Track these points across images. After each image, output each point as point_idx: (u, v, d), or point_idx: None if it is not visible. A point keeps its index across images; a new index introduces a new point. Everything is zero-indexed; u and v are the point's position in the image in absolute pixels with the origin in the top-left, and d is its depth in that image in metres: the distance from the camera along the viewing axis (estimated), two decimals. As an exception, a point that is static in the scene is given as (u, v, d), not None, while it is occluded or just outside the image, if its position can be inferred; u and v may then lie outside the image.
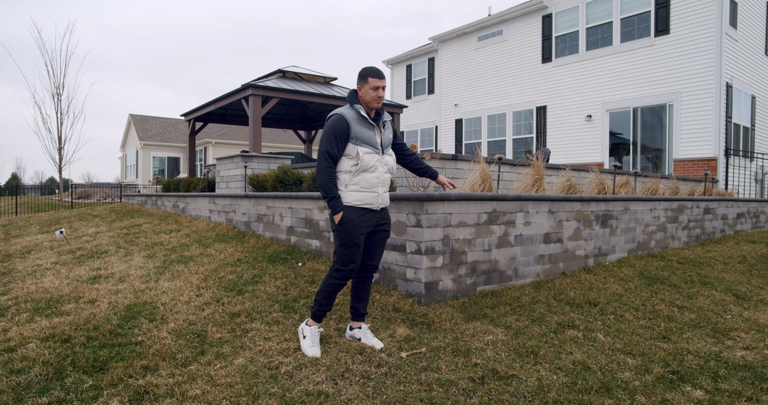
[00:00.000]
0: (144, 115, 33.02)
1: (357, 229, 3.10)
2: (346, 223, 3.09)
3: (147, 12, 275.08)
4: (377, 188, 3.16)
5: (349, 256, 3.13)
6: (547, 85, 14.74)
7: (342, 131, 3.06)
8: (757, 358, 3.28)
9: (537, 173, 5.92)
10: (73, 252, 6.55)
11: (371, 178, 3.13)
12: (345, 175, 3.11)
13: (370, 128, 3.15)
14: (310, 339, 3.14)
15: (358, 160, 3.08)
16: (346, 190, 3.12)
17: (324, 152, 3.07)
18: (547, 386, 2.72)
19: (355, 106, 3.15)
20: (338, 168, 3.13)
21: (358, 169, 3.09)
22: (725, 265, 6.36)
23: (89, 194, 21.48)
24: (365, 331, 3.32)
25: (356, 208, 3.11)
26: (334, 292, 3.20)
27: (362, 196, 3.12)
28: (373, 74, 3.15)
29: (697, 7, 11.66)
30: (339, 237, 3.13)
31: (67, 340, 3.33)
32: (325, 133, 3.09)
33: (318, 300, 3.21)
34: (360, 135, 3.09)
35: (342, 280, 3.16)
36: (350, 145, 3.09)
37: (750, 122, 12.80)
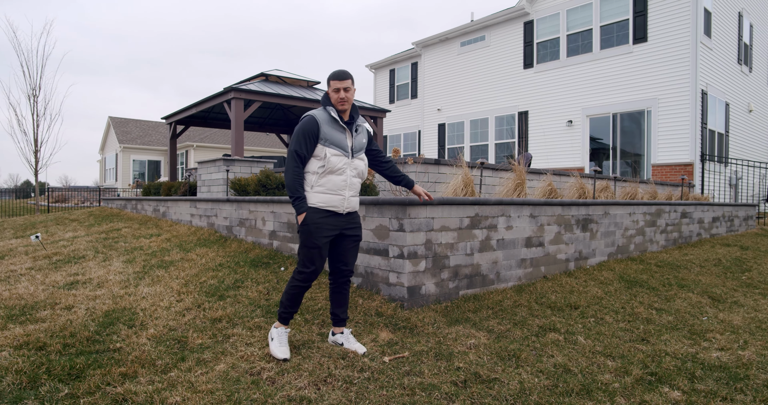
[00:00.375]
0: (124, 117, 32.54)
1: (319, 232, 3.10)
2: (308, 225, 3.09)
3: (127, 13, 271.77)
4: (343, 191, 3.16)
5: (310, 258, 3.12)
6: (528, 91, 14.94)
7: (312, 132, 3.08)
8: (731, 358, 3.35)
9: (519, 178, 5.99)
10: (50, 257, 6.41)
11: (338, 181, 3.14)
12: (312, 176, 3.12)
13: (340, 131, 3.17)
14: (277, 340, 3.14)
15: (325, 161, 3.09)
16: (311, 191, 3.12)
17: (293, 152, 3.09)
18: (529, 389, 2.75)
19: (328, 108, 3.17)
20: (306, 168, 3.14)
21: (325, 171, 3.10)
22: (701, 268, 6.50)
23: (67, 198, 21.05)
24: (347, 336, 3.31)
25: (320, 210, 3.12)
26: (297, 295, 3.19)
27: (327, 199, 3.13)
28: (333, 77, 3.17)
29: (673, 16, 11.95)
30: (302, 238, 3.14)
31: (42, 347, 3.25)
32: (295, 134, 3.12)
33: (283, 302, 3.21)
34: (329, 136, 3.11)
35: (304, 283, 3.15)
36: (319, 146, 3.10)
37: (724, 128, 13.13)
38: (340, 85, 3.14)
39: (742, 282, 5.93)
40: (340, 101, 3.15)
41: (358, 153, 3.25)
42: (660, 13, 12.18)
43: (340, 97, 3.14)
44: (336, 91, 3.15)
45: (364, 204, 4.50)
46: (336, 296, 3.36)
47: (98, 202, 18.14)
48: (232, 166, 8.54)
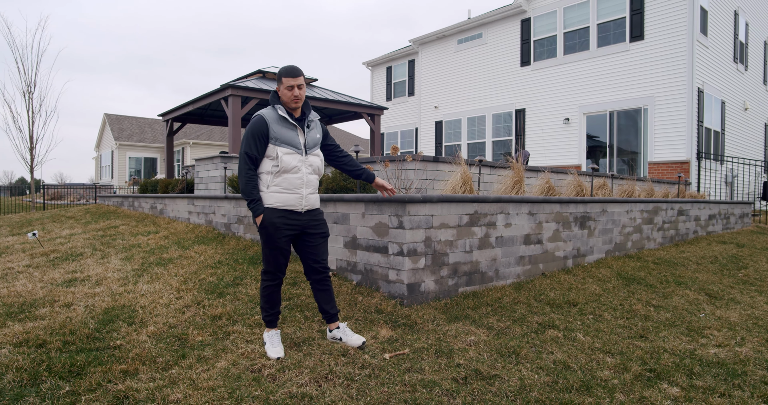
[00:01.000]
0: (120, 114, 32.39)
1: (278, 232, 3.08)
2: (267, 227, 3.07)
3: (124, 10, 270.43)
4: (300, 190, 3.13)
5: (272, 258, 3.14)
6: (526, 88, 14.95)
7: (261, 132, 3.03)
8: (729, 355, 3.38)
9: (517, 175, 6.00)
10: (47, 254, 6.39)
11: (293, 179, 3.10)
12: (266, 176, 3.09)
13: (291, 128, 3.11)
14: (269, 342, 3.15)
15: (278, 161, 3.05)
16: (267, 191, 3.08)
17: (243, 154, 3.05)
18: (529, 386, 2.76)
19: (276, 106, 3.11)
20: (260, 169, 3.11)
21: (279, 170, 3.06)
22: (698, 265, 6.54)
23: (62, 195, 20.95)
24: (344, 330, 3.31)
25: (278, 210, 3.08)
26: (272, 294, 3.20)
27: (284, 198, 3.09)
28: (286, 73, 3.08)
29: (669, 14, 11.98)
30: (262, 239, 3.14)
31: (42, 345, 3.24)
32: (245, 135, 3.07)
33: (262, 306, 3.23)
34: (280, 135, 3.06)
35: (273, 281, 3.19)
36: (270, 146, 3.06)
37: (720, 126, 13.19)
38: (293, 82, 3.07)
39: (738, 279, 5.97)
40: (294, 99, 3.09)
41: (312, 149, 3.20)
42: (657, 11, 12.20)
43: (294, 94, 3.08)
44: (290, 89, 3.07)
45: (364, 201, 4.50)
46: (319, 294, 3.33)
47: (94, 199, 18.07)
48: (230, 163, 8.52)
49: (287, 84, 3.07)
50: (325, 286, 3.32)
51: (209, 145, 28.53)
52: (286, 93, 3.09)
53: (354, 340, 3.25)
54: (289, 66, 3.13)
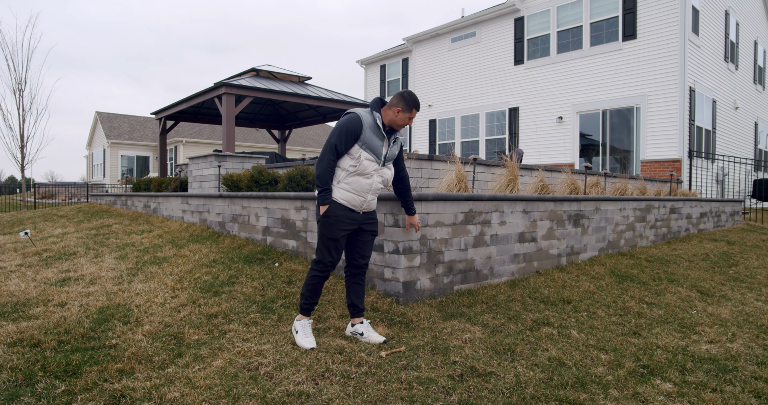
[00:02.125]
0: (112, 112, 32.16)
1: (339, 224, 3.23)
2: (329, 217, 3.22)
3: (116, 7, 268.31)
4: (366, 194, 3.28)
5: (328, 249, 3.26)
6: (519, 87, 15.01)
7: (355, 131, 3.17)
8: (720, 351, 3.42)
9: (511, 174, 6.03)
10: (39, 254, 6.34)
11: (364, 184, 3.25)
12: (341, 172, 3.23)
13: (380, 138, 3.26)
14: (302, 332, 3.23)
15: (358, 162, 3.19)
16: (337, 186, 3.24)
17: (332, 145, 3.18)
18: (525, 382, 2.79)
19: (375, 113, 3.27)
20: (338, 163, 3.24)
21: (355, 171, 3.21)
22: (690, 262, 6.60)
23: (53, 194, 20.79)
24: (367, 326, 3.41)
25: (341, 206, 3.24)
26: (317, 285, 3.31)
27: (350, 197, 3.24)
28: (416, 106, 3.31)
29: (661, 14, 12.06)
30: (321, 229, 3.26)
31: (37, 344, 3.23)
32: (338, 128, 3.20)
33: (303, 294, 3.33)
34: (368, 140, 3.20)
35: (323, 273, 3.28)
36: (356, 147, 3.20)
37: (711, 125, 13.31)
38: (415, 115, 3.33)
39: (729, 276, 6.03)
40: (404, 126, 3.33)
41: (388, 162, 3.37)
42: (649, 10, 12.28)
43: (409, 124, 3.35)
44: (410, 119, 3.31)
45: (359, 200, 4.51)
46: (354, 287, 3.46)
47: (86, 198, 17.94)
48: (224, 162, 8.50)
49: (411, 115, 3.30)
50: (360, 281, 3.47)
51: (203, 143, 28.40)
52: (405, 119, 3.28)
53: (375, 338, 3.35)
54: (417, 99, 3.34)
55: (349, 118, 3.21)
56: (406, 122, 3.31)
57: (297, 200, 5.40)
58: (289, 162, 9.37)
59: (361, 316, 3.45)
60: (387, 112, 3.30)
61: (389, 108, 3.30)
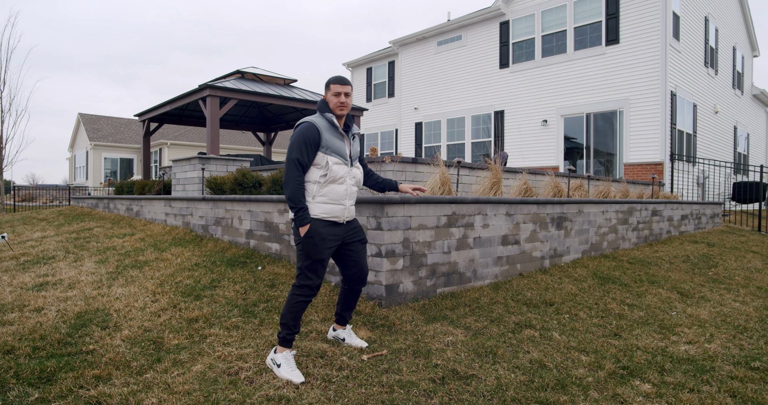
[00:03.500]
0: (95, 114, 31.72)
1: (324, 243, 3.00)
2: (313, 236, 2.97)
3: (100, 8, 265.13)
4: (344, 201, 3.08)
5: (314, 271, 3.01)
6: (504, 90, 15.11)
7: (313, 139, 2.97)
8: (698, 351, 3.47)
9: (495, 176, 6.06)
10: (17, 258, 6.22)
11: (340, 191, 3.05)
12: (313, 186, 3.01)
13: (340, 138, 3.09)
14: (286, 365, 2.87)
15: (327, 170, 2.99)
16: (313, 202, 3.01)
17: (294, 160, 2.95)
18: (506, 385, 2.79)
19: (326, 114, 3.08)
20: (307, 178, 3.02)
21: (327, 180, 3.01)
22: (671, 264, 6.69)
23: (34, 197, 20.43)
24: (350, 332, 3.39)
25: (323, 221, 3.01)
26: (301, 311, 3.03)
27: (330, 209, 3.03)
28: (334, 81, 3.12)
29: (643, 19, 12.24)
30: (304, 250, 2.99)
31: (10, 351, 3.15)
32: (295, 141, 2.98)
33: (285, 323, 2.99)
34: (331, 144, 3.02)
35: (308, 297, 3.01)
36: (320, 154, 3.00)
37: (692, 129, 13.53)
38: (341, 90, 3.08)
39: (708, 278, 6.13)
40: (341, 106, 3.07)
41: (355, 161, 3.21)
42: (631, 15, 12.46)
43: (341, 101, 3.07)
44: (336, 95, 3.07)
45: (343, 203, 4.49)
46: (348, 302, 3.34)
47: (68, 201, 17.66)
48: (208, 165, 8.42)
49: (335, 90, 3.07)
50: (357, 294, 3.34)
51: (187, 145, 28.13)
52: (333, 99, 3.08)
53: (357, 342, 3.33)
54: (338, 75, 3.18)
55: (303, 127, 3.01)
56: (340, 100, 3.06)
57: (280, 203, 5.37)
58: (274, 164, 9.32)
59: (346, 324, 3.42)
60: (329, 107, 3.10)
61: (325, 104, 3.12)
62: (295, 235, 3.04)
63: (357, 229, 3.24)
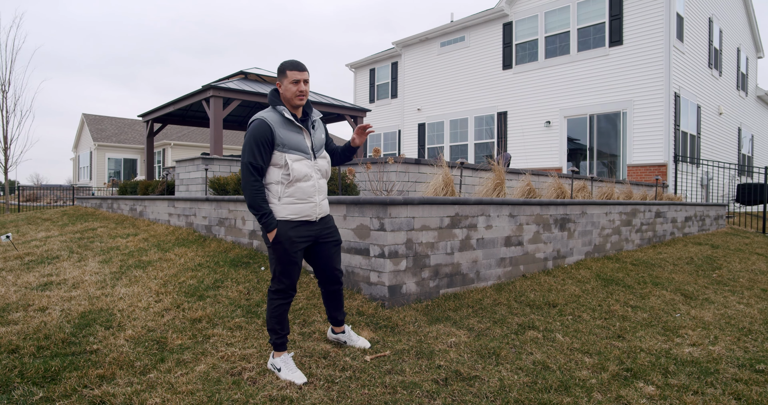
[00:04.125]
0: (99, 114, 31.85)
1: (294, 246, 2.84)
2: (282, 242, 2.81)
3: (103, 9, 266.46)
4: (314, 197, 2.89)
5: (287, 274, 2.88)
6: (507, 91, 15.11)
7: (265, 138, 2.73)
8: (702, 354, 3.46)
9: (498, 178, 6.05)
10: (21, 257, 6.24)
11: (307, 188, 2.85)
12: (277, 187, 2.81)
13: (297, 131, 2.85)
14: (285, 368, 2.83)
15: (289, 170, 2.78)
16: (279, 203, 2.81)
17: (247, 165, 2.73)
18: (509, 386, 2.79)
19: (278, 107, 2.82)
20: (268, 179, 2.82)
21: (291, 180, 2.80)
22: (675, 266, 6.67)
23: (38, 197, 20.51)
24: (350, 333, 3.31)
25: (292, 222, 2.84)
26: (283, 314, 2.92)
27: (299, 208, 2.84)
28: (291, 67, 2.82)
29: (647, 20, 12.22)
30: (275, 255, 2.85)
31: (15, 350, 3.17)
32: (246, 142, 2.75)
33: (272, 329, 2.92)
34: (287, 141, 2.78)
35: (286, 299, 2.92)
36: (277, 154, 2.77)
37: (696, 130, 13.49)
38: (300, 77, 2.80)
39: (712, 280, 6.10)
40: (299, 95, 2.81)
41: (319, 152, 2.96)
42: (635, 17, 12.44)
43: (300, 89, 2.80)
44: (295, 83, 2.80)
45: (345, 203, 4.50)
46: (332, 302, 3.23)
47: (72, 201, 17.72)
48: (212, 165, 8.44)
49: (293, 78, 2.80)
50: (339, 294, 3.21)
51: (190, 146, 28.21)
52: (291, 88, 2.80)
53: (360, 343, 3.28)
54: (293, 60, 2.86)
55: (253, 126, 2.76)
56: (299, 88, 2.80)
57: (284, 204, 5.37)
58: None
59: (343, 324, 3.31)
60: (282, 97, 2.86)
61: (276, 95, 2.88)
62: (264, 240, 2.89)
63: (332, 229, 3.07)
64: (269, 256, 2.91)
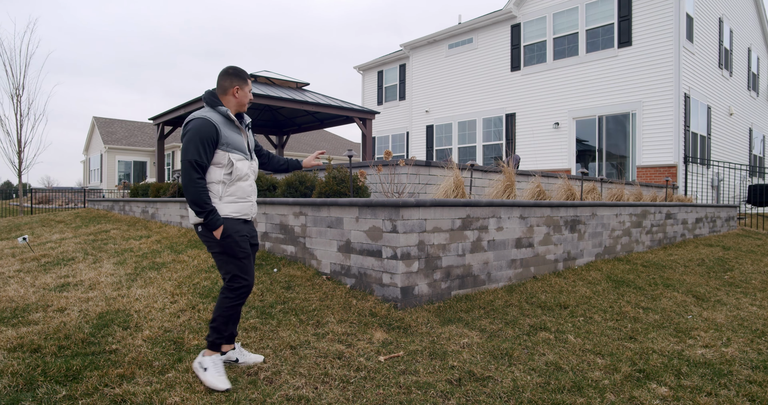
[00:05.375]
0: (109, 118, 32.17)
1: (244, 239, 2.87)
2: (231, 235, 2.80)
3: (112, 14, 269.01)
4: (251, 197, 2.96)
5: (244, 269, 2.85)
6: (516, 93, 15.10)
7: (210, 137, 2.75)
8: (715, 355, 3.46)
9: (508, 179, 6.07)
10: (38, 259, 6.35)
11: (246, 187, 2.92)
12: (218, 186, 2.82)
13: (238, 132, 2.92)
14: (213, 369, 2.76)
15: (231, 168, 2.83)
16: (221, 202, 2.82)
17: (191, 162, 2.71)
18: (522, 387, 2.82)
19: (220, 108, 2.86)
20: (208, 179, 2.82)
21: (233, 178, 2.85)
22: (686, 267, 6.65)
23: (50, 199, 20.76)
24: (240, 349, 3.10)
25: (234, 219, 2.87)
26: (235, 315, 2.88)
27: (240, 207, 2.88)
28: (245, 77, 2.95)
29: (656, 21, 12.18)
30: (227, 251, 2.82)
31: (37, 349, 3.24)
32: (191, 140, 2.74)
33: (217, 328, 2.85)
34: (231, 140, 2.84)
35: (242, 298, 2.87)
36: (220, 152, 2.81)
37: (706, 131, 13.41)
38: (248, 88, 2.96)
39: (724, 281, 6.08)
40: (249, 102, 3.01)
41: (253, 153, 3.07)
42: (644, 17, 12.40)
43: (250, 97, 3.00)
44: (250, 92, 2.99)
45: (358, 205, 4.55)
46: None
47: (83, 203, 17.92)
48: (222, 168, 8.51)
49: (250, 87, 2.99)
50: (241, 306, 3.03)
51: (200, 148, 28.36)
52: (240, 95, 2.94)
53: (252, 359, 3.07)
54: (242, 69, 2.97)
55: (197, 124, 2.75)
56: (249, 97, 2.98)
57: (296, 206, 5.43)
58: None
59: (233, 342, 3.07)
60: (228, 98, 2.92)
61: (226, 94, 2.92)
62: (208, 241, 2.83)
63: (256, 231, 3.12)
64: (217, 258, 2.87)
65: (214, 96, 2.91)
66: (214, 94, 2.91)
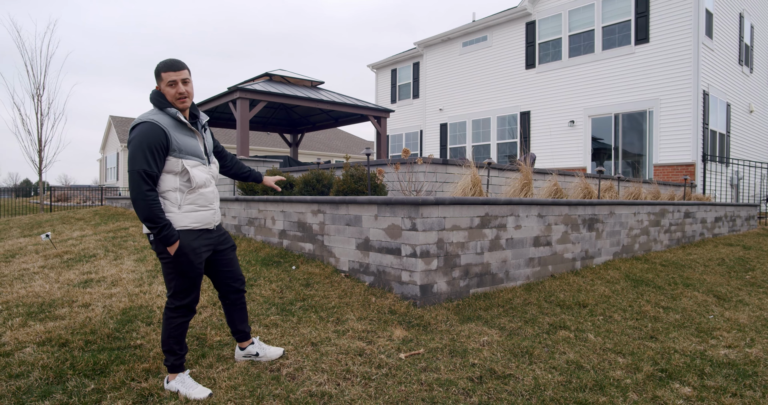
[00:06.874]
0: (125, 116, 32.58)
1: (198, 256, 2.64)
2: (187, 253, 2.58)
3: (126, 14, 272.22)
4: (214, 204, 2.75)
5: (190, 289, 2.68)
6: (530, 91, 15.01)
7: (159, 143, 2.48)
8: (739, 356, 3.42)
9: (525, 178, 6.05)
10: (60, 256, 6.47)
11: (208, 194, 2.70)
12: (175, 194, 2.58)
13: (191, 135, 2.65)
14: (183, 388, 2.62)
15: (187, 176, 2.59)
16: (180, 212, 2.59)
17: (139, 172, 2.44)
18: (544, 385, 2.81)
19: (169, 109, 2.58)
20: (162, 187, 2.57)
21: (193, 187, 2.62)
22: (705, 267, 6.57)
23: (68, 197, 21.10)
24: (259, 343, 3.09)
25: (194, 232, 2.64)
26: (184, 332, 2.72)
27: (200, 216, 2.66)
28: (165, 68, 2.58)
29: (675, 17, 12.02)
30: (177, 269, 2.61)
31: (65, 344, 3.31)
32: (137, 148, 2.45)
33: (170, 350, 2.68)
34: (183, 146, 2.58)
35: (187, 316, 2.72)
36: (172, 159, 2.55)
37: (726, 129, 13.21)
38: (176, 77, 2.57)
39: (746, 281, 6.00)
40: (180, 97, 2.59)
41: (211, 156, 2.82)
42: (662, 14, 12.24)
43: (179, 91, 2.58)
44: (172, 85, 2.57)
45: (376, 203, 4.57)
46: (239, 313, 3.03)
47: (100, 201, 18.19)
48: (239, 166, 8.58)
49: (168, 79, 2.57)
50: (243, 303, 3.03)
51: (214, 147, 28.60)
52: (169, 91, 2.58)
53: (273, 352, 3.08)
54: (168, 59, 2.62)
55: (143, 129, 2.48)
56: (178, 90, 2.58)
57: (313, 204, 5.47)
58: (304, 166, 9.46)
59: (249, 338, 3.09)
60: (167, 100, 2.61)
61: (162, 96, 2.61)
62: (159, 252, 2.60)
63: (226, 235, 2.90)
64: (165, 270, 2.66)
65: (160, 96, 2.61)
66: (160, 94, 2.62)
